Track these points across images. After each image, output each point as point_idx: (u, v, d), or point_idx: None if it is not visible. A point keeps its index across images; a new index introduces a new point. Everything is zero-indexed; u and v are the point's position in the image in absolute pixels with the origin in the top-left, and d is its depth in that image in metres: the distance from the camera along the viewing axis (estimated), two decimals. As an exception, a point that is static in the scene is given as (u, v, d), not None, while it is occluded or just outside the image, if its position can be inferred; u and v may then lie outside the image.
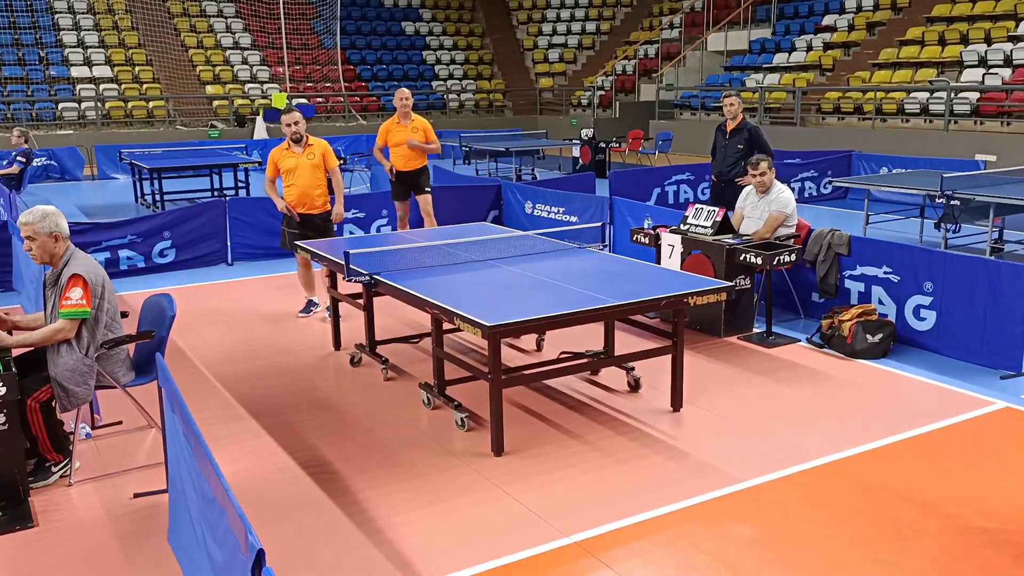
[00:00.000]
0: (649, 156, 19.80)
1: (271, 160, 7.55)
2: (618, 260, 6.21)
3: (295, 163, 7.41)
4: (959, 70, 18.62)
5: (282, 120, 7.45)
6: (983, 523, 4.09)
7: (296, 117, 7.41)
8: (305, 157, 7.44)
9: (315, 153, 7.48)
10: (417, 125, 9.17)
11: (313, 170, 7.45)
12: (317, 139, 7.58)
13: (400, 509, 4.30)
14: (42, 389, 4.50)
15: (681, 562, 3.81)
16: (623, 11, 31.00)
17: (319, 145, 7.54)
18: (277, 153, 7.52)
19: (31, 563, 3.88)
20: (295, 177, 7.42)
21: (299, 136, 7.43)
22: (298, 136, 7.43)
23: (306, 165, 7.42)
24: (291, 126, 7.38)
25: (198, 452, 2.99)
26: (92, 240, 9.09)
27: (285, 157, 7.46)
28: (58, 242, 4.56)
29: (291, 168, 7.42)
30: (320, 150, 7.51)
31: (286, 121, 7.40)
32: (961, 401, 5.60)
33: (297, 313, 7.80)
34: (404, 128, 9.13)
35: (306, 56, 27.91)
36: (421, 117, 9.32)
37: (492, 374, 4.83)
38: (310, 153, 7.46)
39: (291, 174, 7.43)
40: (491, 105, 29.28)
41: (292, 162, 7.42)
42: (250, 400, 5.80)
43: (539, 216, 10.95)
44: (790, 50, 23.27)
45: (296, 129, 7.39)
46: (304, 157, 7.44)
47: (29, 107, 23.01)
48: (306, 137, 7.48)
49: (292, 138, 7.43)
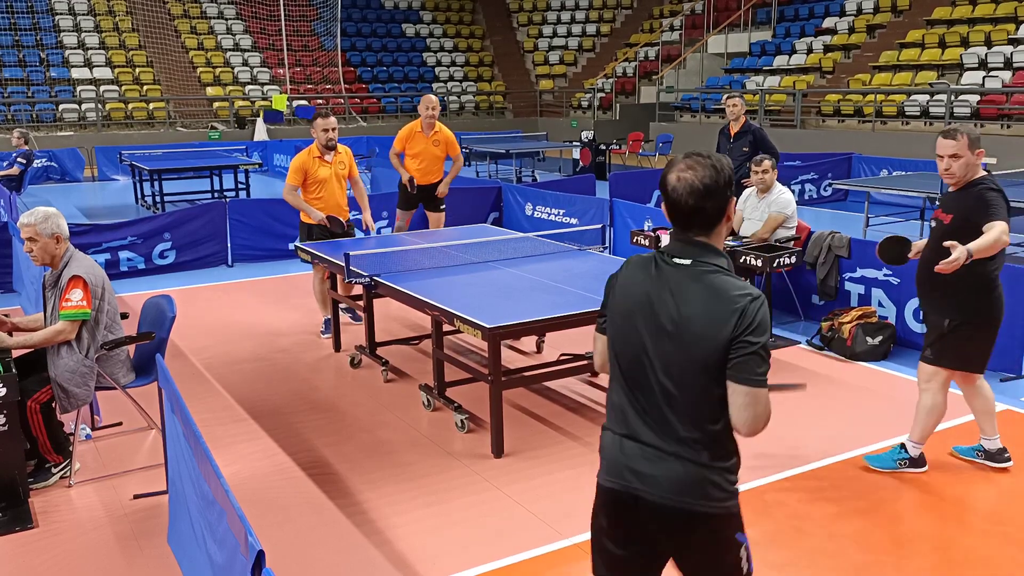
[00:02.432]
0: (649, 158, 19.81)
1: (300, 168, 6.92)
2: (618, 262, 6.21)
3: (328, 172, 6.98)
4: (959, 73, 18.63)
5: (317, 124, 6.93)
6: (984, 524, 4.09)
7: (334, 123, 6.97)
8: (337, 166, 7.05)
9: (344, 162, 7.11)
10: (440, 138, 8.15)
11: (342, 181, 7.12)
12: (342, 146, 7.18)
13: (400, 510, 4.30)
14: (42, 390, 4.50)
15: (681, 564, 3.81)
16: (623, 13, 31.01)
17: (346, 153, 7.19)
18: (307, 161, 6.94)
19: (31, 564, 3.88)
20: (326, 190, 6.99)
21: (334, 144, 7.00)
22: (333, 144, 6.99)
23: (337, 176, 7.06)
24: (328, 132, 6.91)
25: (198, 453, 2.99)
26: (92, 241, 9.09)
27: (318, 166, 6.95)
28: (59, 244, 4.56)
29: (324, 179, 6.96)
30: (348, 159, 7.17)
31: (323, 127, 6.90)
32: (961, 403, 5.58)
33: (319, 334, 7.29)
34: (426, 139, 8.10)
35: (306, 58, 27.93)
36: (446, 128, 8.26)
37: (492, 376, 4.83)
38: (339, 163, 7.08)
39: (322, 186, 6.97)
40: (491, 107, 29.30)
41: (326, 172, 6.97)
42: (250, 401, 5.80)
43: (539, 218, 10.95)
44: (790, 52, 23.28)
45: (332, 136, 6.95)
46: (336, 166, 7.04)
47: (30, 108, 23.02)
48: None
49: (327, 145, 6.96)
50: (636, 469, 2.41)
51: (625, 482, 2.43)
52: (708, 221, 2.39)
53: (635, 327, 2.43)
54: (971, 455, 4.76)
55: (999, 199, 4.22)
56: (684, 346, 2.33)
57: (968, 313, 4.33)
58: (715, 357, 2.29)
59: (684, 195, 2.36)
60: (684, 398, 2.35)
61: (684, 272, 2.38)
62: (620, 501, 2.46)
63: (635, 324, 2.43)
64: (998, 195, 4.23)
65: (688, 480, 2.36)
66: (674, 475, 2.36)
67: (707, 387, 2.33)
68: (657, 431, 2.39)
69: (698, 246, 2.40)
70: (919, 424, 4.59)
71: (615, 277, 2.56)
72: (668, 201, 2.41)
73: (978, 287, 4.33)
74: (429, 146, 8.11)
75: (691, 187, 2.35)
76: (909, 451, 4.63)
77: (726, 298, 2.31)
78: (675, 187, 2.37)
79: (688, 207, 2.36)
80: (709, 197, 2.35)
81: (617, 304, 2.51)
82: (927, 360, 4.53)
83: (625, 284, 2.50)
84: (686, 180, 2.36)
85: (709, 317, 2.30)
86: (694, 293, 2.34)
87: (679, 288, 2.37)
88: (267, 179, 18.26)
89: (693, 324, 2.32)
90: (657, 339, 2.38)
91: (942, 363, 4.46)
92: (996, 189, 4.26)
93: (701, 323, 2.31)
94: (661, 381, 2.37)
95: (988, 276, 4.31)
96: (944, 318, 4.39)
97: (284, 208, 10.34)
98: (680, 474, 2.36)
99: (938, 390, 4.51)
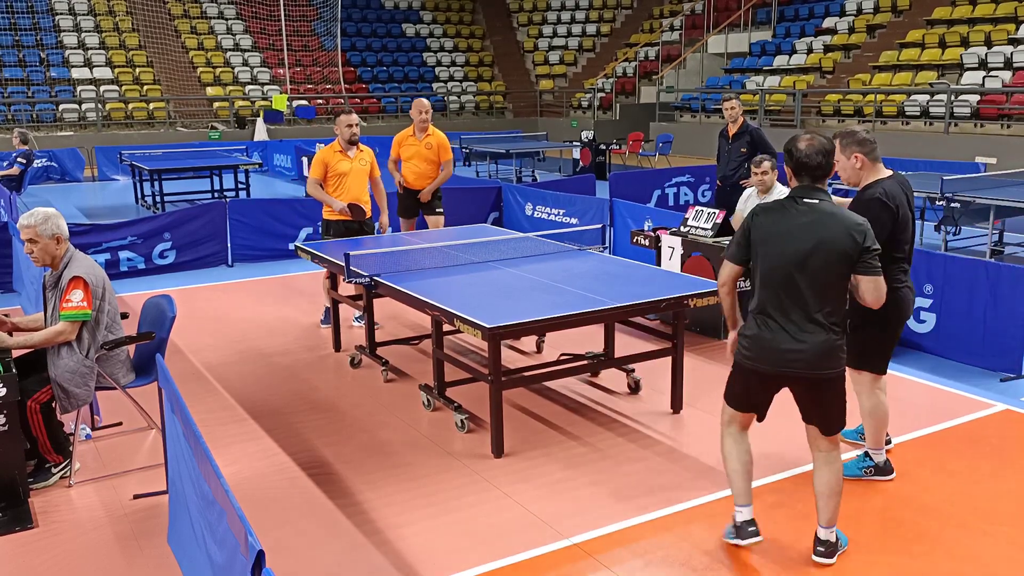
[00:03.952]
0: (649, 158, 19.81)
1: (321, 161, 7.14)
2: (618, 262, 6.22)
3: (349, 167, 7.12)
4: (959, 73, 18.63)
5: (340, 120, 7.12)
6: (983, 525, 4.09)
7: (356, 119, 7.16)
8: (357, 162, 7.18)
9: (365, 160, 7.24)
10: (432, 142, 8.08)
11: (364, 176, 7.23)
12: (365, 145, 7.33)
13: (400, 510, 4.30)
14: (42, 390, 4.50)
15: (682, 564, 3.81)
16: (623, 13, 31.02)
17: (368, 152, 7.31)
18: (328, 155, 7.14)
19: (31, 564, 3.88)
20: (347, 182, 7.12)
21: (356, 139, 7.17)
22: (355, 139, 7.16)
23: (359, 171, 7.17)
24: (351, 127, 7.09)
25: (198, 453, 2.99)
26: (92, 241, 9.09)
27: (339, 160, 7.12)
28: (59, 244, 4.56)
29: (344, 172, 7.10)
30: (369, 157, 7.29)
31: (346, 122, 7.09)
32: (961, 403, 5.59)
33: (319, 323, 7.52)
34: (419, 143, 8.06)
35: (306, 58, 27.93)
36: (439, 131, 8.19)
37: (492, 376, 4.83)
38: (361, 159, 7.20)
39: (343, 179, 7.11)
40: (491, 107, 29.30)
41: (346, 165, 7.11)
42: (250, 401, 5.80)
43: (539, 218, 10.95)
44: (790, 52, 23.28)
45: (355, 131, 7.13)
46: (357, 162, 7.17)
47: (30, 108, 23.02)
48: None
49: (350, 140, 7.13)
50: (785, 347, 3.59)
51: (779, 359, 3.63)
52: (826, 173, 3.58)
53: (782, 251, 3.52)
54: (856, 472, 4.55)
55: (877, 213, 4.09)
56: (826, 255, 3.47)
57: (866, 315, 4.26)
58: (849, 261, 3.49)
59: (813, 154, 3.53)
60: (827, 293, 3.53)
61: (816, 208, 3.53)
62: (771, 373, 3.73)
63: (782, 248, 3.52)
64: (877, 208, 4.12)
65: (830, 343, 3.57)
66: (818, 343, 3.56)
67: (843, 281, 3.55)
68: (803, 316, 3.56)
69: (819, 191, 3.57)
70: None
71: (751, 221, 3.64)
72: (797, 160, 3.56)
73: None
74: (422, 149, 8.08)
75: (820, 148, 3.54)
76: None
77: (852, 223, 3.50)
78: (805, 150, 3.54)
79: (815, 163, 3.53)
80: (828, 156, 3.57)
81: (762, 238, 3.58)
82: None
83: (765, 223, 3.59)
84: (814, 145, 3.54)
85: (844, 235, 3.47)
86: (829, 220, 3.49)
87: (817, 219, 3.50)
88: (267, 179, 18.27)
89: (833, 242, 3.46)
90: (811, 253, 3.47)
91: (848, 362, 4.43)
92: (877, 200, 4.14)
93: (839, 240, 3.46)
94: (815, 280, 3.50)
95: (887, 280, 4.23)
96: (847, 317, 4.37)
97: (284, 208, 10.37)
98: (827, 340, 3.57)
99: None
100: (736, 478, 3.88)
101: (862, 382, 4.49)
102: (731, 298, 3.80)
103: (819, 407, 3.70)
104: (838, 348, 3.60)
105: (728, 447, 3.90)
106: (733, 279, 3.77)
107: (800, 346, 3.55)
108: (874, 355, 4.44)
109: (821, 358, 3.56)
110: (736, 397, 3.87)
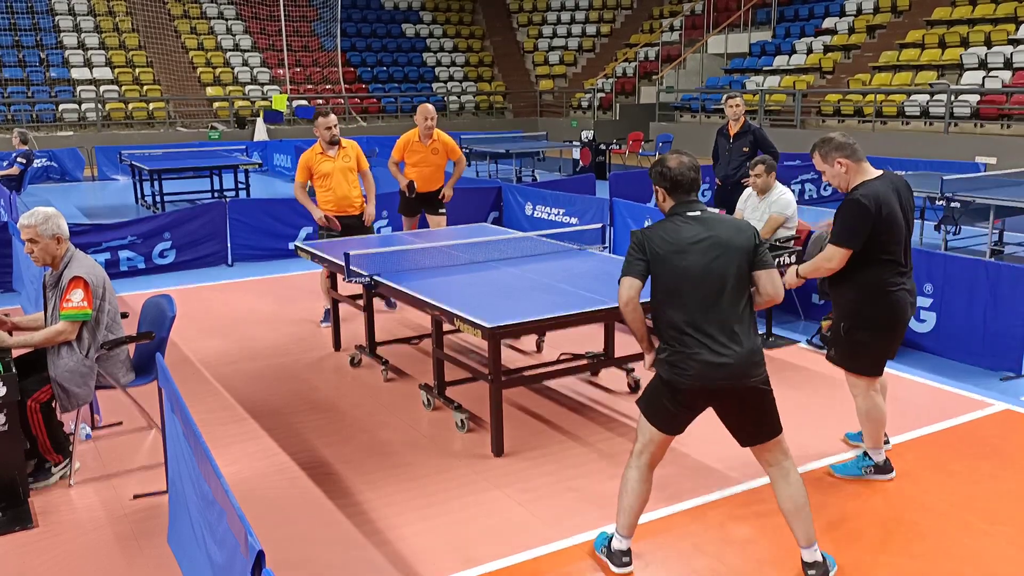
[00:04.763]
0: (649, 158, 19.81)
1: (304, 165, 7.26)
2: (618, 262, 6.19)
3: (331, 167, 7.21)
4: (959, 73, 18.64)
5: (319, 123, 7.25)
6: (983, 525, 4.09)
7: (334, 120, 7.27)
8: (340, 160, 7.25)
9: (349, 155, 7.31)
10: (438, 145, 8.05)
11: (349, 173, 7.28)
12: (348, 140, 7.43)
13: (400, 510, 4.30)
14: (42, 390, 4.50)
15: (682, 564, 3.81)
16: (623, 14, 31.02)
17: (352, 147, 7.38)
18: (311, 157, 7.26)
19: (31, 564, 3.88)
20: (332, 182, 7.21)
21: (336, 139, 7.27)
22: (336, 139, 7.26)
23: (342, 168, 7.23)
24: (331, 129, 7.21)
25: (198, 453, 2.99)
26: (92, 241, 9.10)
27: (320, 161, 7.22)
28: (59, 244, 4.56)
29: (328, 172, 7.20)
30: (353, 152, 7.36)
31: (325, 124, 7.21)
32: (961, 403, 5.59)
33: (319, 323, 7.54)
34: (425, 148, 8.02)
35: (306, 58, 27.93)
36: (444, 134, 8.16)
37: (492, 375, 4.83)
38: (344, 156, 7.28)
39: (327, 179, 7.21)
40: (491, 107, 29.30)
41: (328, 166, 7.20)
42: (250, 401, 5.80)
43: (539, 218, 10.95)
44: (790, 53, 23.29)
45: (335, 132, 7.23)
46: (339, 160, 7.25)
47: (30, 108, 23.02)
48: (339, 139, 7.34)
49: (331, 140, 7.24)
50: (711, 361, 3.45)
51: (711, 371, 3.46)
52: (697, 186, 3.64)
53: (685, 266, 3.47)
54: (856, 472, 4.56)
55: (851, 217, 4.14)
56: (727, 257, 3.48)
57: (857, 318, 4.28)
58: (749, 257, 3.53)
59: (686, 171, 3.59)
60: (738, 298, 3.51)
61: (702, 218, 3.56)
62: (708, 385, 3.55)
63: (685, 263, 3.48)
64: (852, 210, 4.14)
65: (752, 351, 3.52)
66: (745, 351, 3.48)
67: (748, 283, 3.56)
68: (719, 328, 3.47)
69: (697, 202, 3.63)
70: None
71: (644, 237, 3.56)
72: (671, 179, 3.59)
73: (867, 293, 4.26)
74: (428, 155, 8.04)
75: (691, 164, 3.61)
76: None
77: (738, 223, 3.61)
78: (677, 168, 3.59)
79: (690, 179, 3.60)
80: (698, 171, 3.64)
81: (659, 255, 3.51)
82: (831, 360, 4.52)
83: (657, 239, 3.54)
84: (684, 162, 3.61)
85: (736, 233, 3.53)
86: (718, 224, 3.55)
87: (707, 227, 3.53)
88: (267, 179, 18.27)
89: (731, 240, 3.50)
90: (713, 260, 3.47)
91: (841, 364, 4.45)
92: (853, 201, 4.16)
93: (734, 239, 3.52)
94: (723, 287, 3.47)
95: (878, 283, 4.23)
96: (840, 320, 4.39)
97: (284, 208, 10.37)
98: (750, 349, 3.50)
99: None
100: (629, 513, 3.73)
101: (857, 384, 4.48)
102: (638, 314, 3.59)
103: (754, 416, 3.58)
104: (761, 353, 3.55)
105: (632, 481, 3.70)
106: (636, 295, 3.57)
107: (723, 359, 3.43)
108: (865, 359, 4.40)
109: (750, 367, 3.47)
110: (662, 418, 3.62)
